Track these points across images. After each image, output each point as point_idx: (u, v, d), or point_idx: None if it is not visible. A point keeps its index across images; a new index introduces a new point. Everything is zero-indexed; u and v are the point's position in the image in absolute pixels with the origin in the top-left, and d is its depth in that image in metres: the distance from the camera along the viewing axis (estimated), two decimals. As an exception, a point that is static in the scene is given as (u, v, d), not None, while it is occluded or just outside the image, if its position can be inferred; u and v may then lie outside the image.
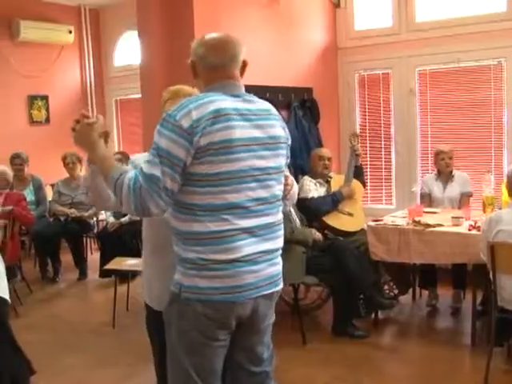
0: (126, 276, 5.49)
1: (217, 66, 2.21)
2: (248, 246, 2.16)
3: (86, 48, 8.65)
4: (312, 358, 4.25)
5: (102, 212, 7.12)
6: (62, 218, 6.84)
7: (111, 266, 5.38)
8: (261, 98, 2.32)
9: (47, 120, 8.20)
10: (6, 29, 7.61)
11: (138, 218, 3.71)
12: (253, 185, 2.17)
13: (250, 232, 2.17)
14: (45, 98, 8.16)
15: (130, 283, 5.55)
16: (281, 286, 2.35)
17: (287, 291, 4.69)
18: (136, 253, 6.20)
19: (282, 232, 2.34)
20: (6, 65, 7.60)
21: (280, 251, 2.33)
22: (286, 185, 2.37)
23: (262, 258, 2.21)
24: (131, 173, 2.09)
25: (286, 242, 2.44)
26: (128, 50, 8.39)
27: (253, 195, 2.17)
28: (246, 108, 2.19)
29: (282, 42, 5.87)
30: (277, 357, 2.51)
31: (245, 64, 2.29)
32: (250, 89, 2.31)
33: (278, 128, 2.29)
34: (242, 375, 2.38)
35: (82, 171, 7.22)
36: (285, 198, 2.39)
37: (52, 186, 7.31)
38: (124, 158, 6.76)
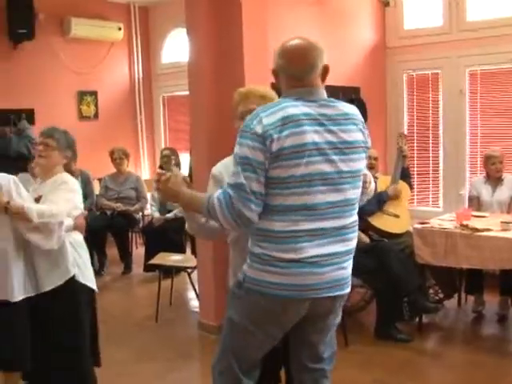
0: (170, 271, 5.54)
1: (296, 76, 2.26)
2: (313, 248, 2.20)
3: (134, 45, 8.76)
4: (354, 360, 4.21)
5: (148, 207, 7.21)
6: (109, 212, 6.95)
7: (155, 260, 5.45)
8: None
9: (96, 115, 8.32)
10: (58, 26, 7.75)
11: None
12: (323, 188, 2.19)
13: (317, 234, 2.20)
14: (94, 93, 8.28)
15: (174, 278, 5.61)
16: (347, 289, 2.37)
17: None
18: (180, 248, 6.28)
19: (354, 234, 2.37)
20: (56, 61, 7.74)
21: (351, 254, 2.36)
22: (364, 182, 2.46)
23: (328, 261, 2.23)
24: (218, 191, 2.19)
25: None
26: (176, 47, 8.47)
27: (323, 198, 2.20)
28: (321, 113, 2.21)
29: (330, 40, 5.79)
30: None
31: (326, 69, 2.32)
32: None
33: (356, 132, 2.29)
34: (299, 371, 2.47)
35: (129, 167, 7.33)
36: (362, 193, 2.46)
37: (99, 180, 7.42)
38: (172, 153, 6.85)
